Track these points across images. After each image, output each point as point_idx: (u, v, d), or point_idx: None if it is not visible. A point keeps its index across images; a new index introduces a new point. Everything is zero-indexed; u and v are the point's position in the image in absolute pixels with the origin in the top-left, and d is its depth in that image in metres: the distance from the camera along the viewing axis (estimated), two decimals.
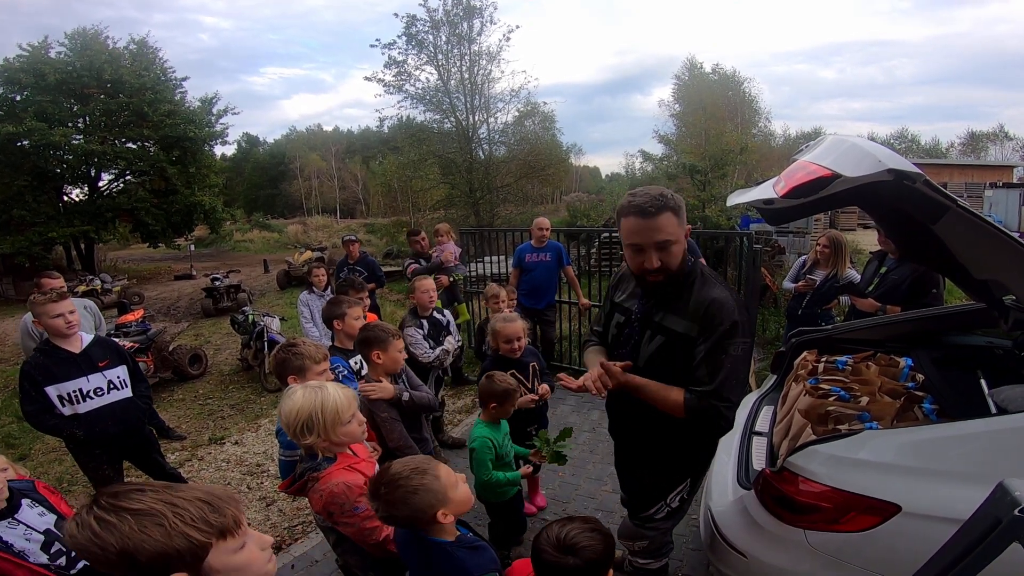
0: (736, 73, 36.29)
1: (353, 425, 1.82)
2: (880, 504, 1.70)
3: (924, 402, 2.17)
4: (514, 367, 3.03)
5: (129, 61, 16.57)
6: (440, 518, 1.48)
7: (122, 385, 3.20)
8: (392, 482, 1.47)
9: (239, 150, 56.43)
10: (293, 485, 1.84)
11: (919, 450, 1.75)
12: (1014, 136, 47.00)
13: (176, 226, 18.06)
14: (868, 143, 1.62)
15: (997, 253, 1.74)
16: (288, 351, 2.33)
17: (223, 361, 7.71)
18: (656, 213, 1.70)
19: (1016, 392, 2.07)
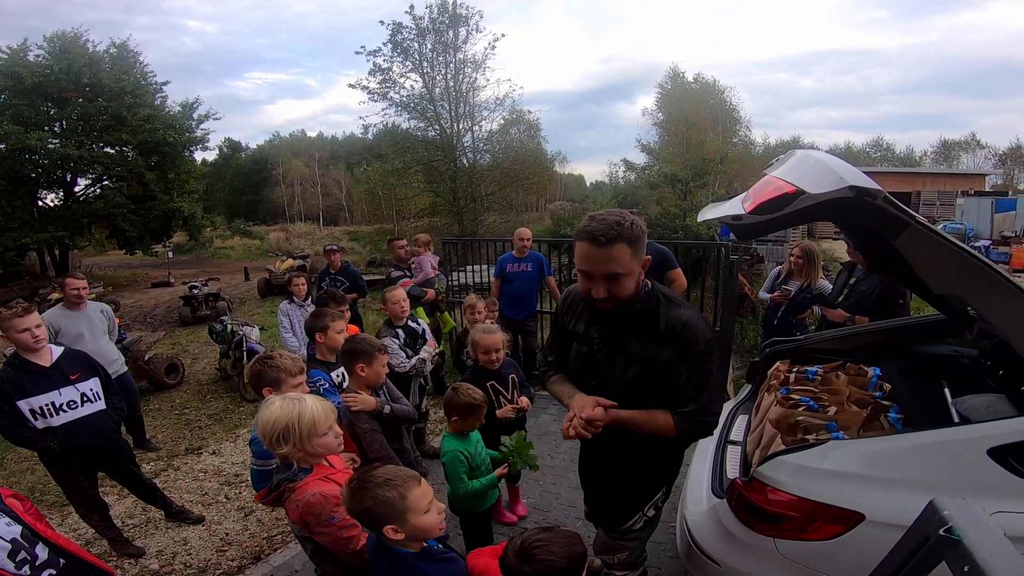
0: (717, 82, 37.13)
1: (329, 437, 1.85)
2: (844, 513, 1.74)
3: (890, 411, 2.23)
4: (493, 378, 3.04)
5: (109, 64, 16.31)
6: (388, 532, 1.50)
7: (95, 398, 3.18)
8: (363, 480, 1.53)
9: (221, 155, 55.69)
10: (269, 496, 1.86)
11: (881, 460, 1.79)
12: (986, 144, 48.32)
13: (154, 232, 17.74)
14: (832, 159, 1.68)
15: (955, 269, 1.80)
16: (264, 363, 2.33)
17: (201, 370, 7.61)
18: (608, 243, 1.62)
19: (978, 402, 2.14)
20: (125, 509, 3.86)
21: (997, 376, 2.51)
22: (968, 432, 1.77)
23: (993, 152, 47.52)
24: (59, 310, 4.40)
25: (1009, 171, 45.01)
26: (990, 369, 2.60)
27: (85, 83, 15.36)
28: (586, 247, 1.67)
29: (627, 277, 1.68)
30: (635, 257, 1.68)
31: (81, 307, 4.41)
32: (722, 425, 2.82)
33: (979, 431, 1.74)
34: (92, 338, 4.36)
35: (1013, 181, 42.92)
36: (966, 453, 1.70)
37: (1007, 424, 1.72)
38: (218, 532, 3.58)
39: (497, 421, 2.91)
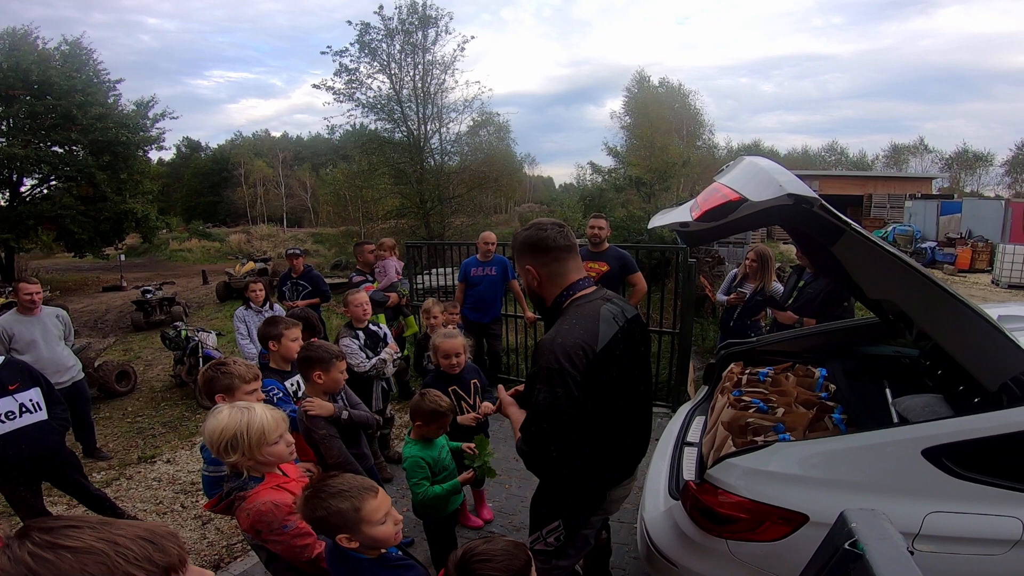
0: (681, 86, 37.95)
1: (280, 446, 1.83)
2: (789, 514, 1.79)
3: (835, 412, 2.30)
4: (455, 383, 3.03)
5: (60, 62, 15.61)
6: (342, 541, 1.50)
7: (35, 408, 3.11)
8: (318, 489, 1.52)
9: (178, 155, 53.88)
10: (219, 504, 1.84)
11: (823, 461, 1.85)
12: (933, 149, 50.95)
13: (105, 235, 17.01)
14: (773, 167, 1.73)
15: (889, 275, 1.88)
16: (216, 369, 2.30)
17: (154, 377, 7.38)
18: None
19: (915, 402, 2.23)
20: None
21: (936, 376, 2.62)
22: (903, 433, 1.82)
23: (940, 156, 50.14)
24: (12, 316, 4.25)
25: (955, 175, 47.54)
26: (929, 369, 2.71)
27: (34, 80, 14.67)
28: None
29: (527, 277, 1.82)
30: (523, 259, 1.81)
31: (35, 312, 4.27)
32: (680, 426, 2.87)
33: (914, 432, 1.79)
34: (46, 345, 4.24)
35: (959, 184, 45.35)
36: (902, 454, 1.76)
37: (941, 425, 1.78)
38: None
39: (460, 426, 2.90)
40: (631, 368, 1.81)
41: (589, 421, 1.70)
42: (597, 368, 1.64)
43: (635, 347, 1.84)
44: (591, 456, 1.78)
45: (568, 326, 1.69)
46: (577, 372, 1.61)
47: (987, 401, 1.94)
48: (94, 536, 0.85)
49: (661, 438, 2.94)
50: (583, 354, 1.62)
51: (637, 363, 1.86)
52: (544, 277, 1.79)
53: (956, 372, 2.50)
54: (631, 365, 1.81)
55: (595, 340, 1.65)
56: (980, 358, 1.83)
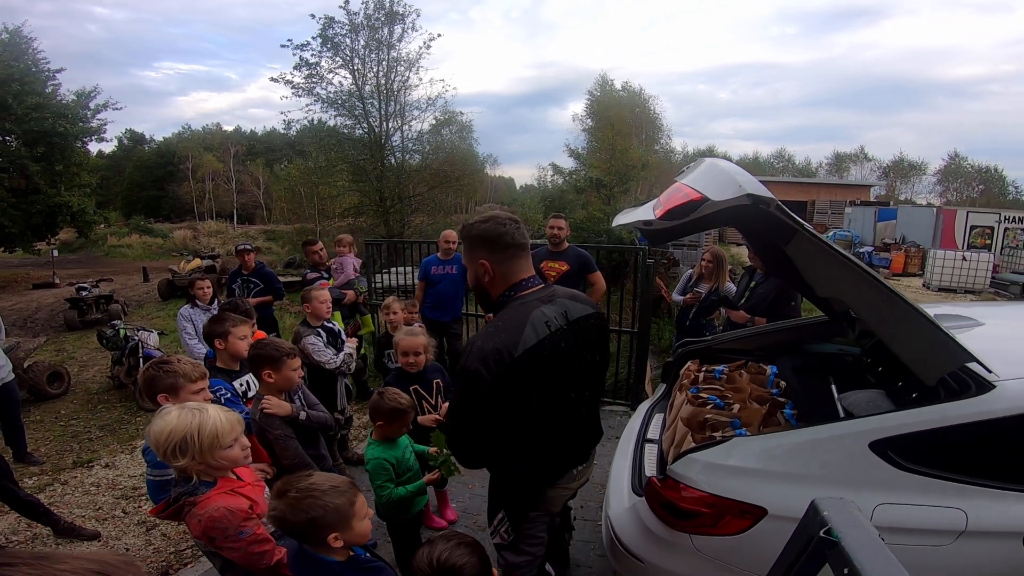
0: (642, 91, 38.81)
1: (235, 449, 1.74)
2: (748, 507, 1.83)
3: (785, 408, 2.39)
4: (417, 382, 2.97)
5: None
6: (331, 541, 1.46)
7: None
8: (307, 489, 1.45)
9: (120, 148, 51.00)
10: (166, 510, 1.72)
11: (778, 455, 1.90)
12: (873, 157, 54.16)
13: (36, 229, 15.96)
14: (734, 168, 1.77)
15: (838, 275, 1.95)
16: (159, 368, 2.16)
17: (90, 378, 6.97)
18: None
19: (859, 397, 2.34)
20: (8, 525, 3.51)
21: (877, 373, 2.76)
22: (851, 427, 1.88)
23: (878, 165, 53.21)
24: None
25: (891, 183, 50.59)
26: (871, 366, 2.86)
27: None
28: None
29: (472, 269, 1.81)
30: (468, 254, 1.80)
31: None
32: (640, 423, 2.91)
33: (860, 426, 1.86)
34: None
35: (894, 192, 48.27)
36: (851, 447, 1.82)
37: (885, 418, 1.86)
38: (117, 547, 3.30)
39: (419, 427, 2.85)
40: (574, 369, 1.80)
41: (524, 422, 1.71)
42: (515, 372, 1.62)
43: (580, 348, 1.82)
44: (535, 457, 1.80)
45: (493, 329, 1.70)
46: (490, 375, 1.60)
47: (924, 396, 2.04)
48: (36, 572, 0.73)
49: (622, 436, 2.98)
50: (500, 359, 1.61)
51: (582, 363, 1.85)
52: (496, 274, 1.77)
53: (895, 368, 2.64)
54: (574, 366, 1.80)
55: (515, 345, 1.63)
56: (919, 354, 1.93)
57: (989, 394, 1.80)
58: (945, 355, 1.81)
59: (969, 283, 14.25)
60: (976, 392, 1.82)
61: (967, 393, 1.84)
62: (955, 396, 1.86)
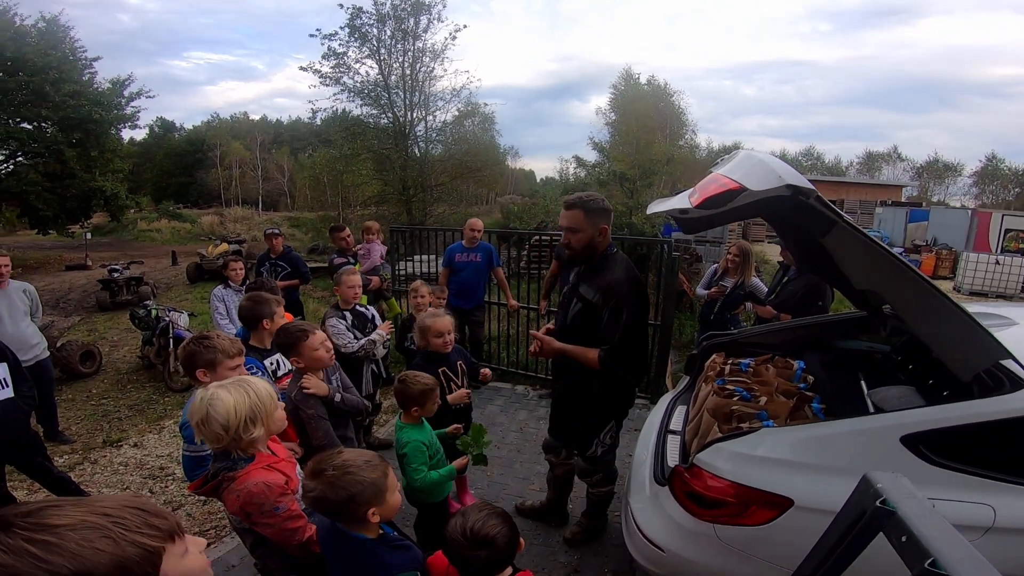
0: (667, 85, 38.18)
1: (280, 411, 1.79)
2: (776, 498, 1.83)
3: (813, 402, 2.37)
4: (444, 364, 3.00)
5: (35, 39, 15.02)
6: (370, 516, 1.48)
7: (2, 385, 2.94)
8: (343, 466, 1.48)
9: (151, 135, 52.20)
10: (205, 485, 1.73)
11: (807, 446, 1.90)
12: (906, 158, 52.46)
13: (71, 212, 16.46)
14: (772, 159, 1.76)
15: (876, 267, 1.93)
16: (199, 343, 2.19)
17: (120, 358, 7.12)
18: (569, 208, 2.48)
19: (890, 393, 2.31)
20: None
21: (907, 370, 2.72)
22: (883, 420, 1.88)
23: (912, 165, 51.50)
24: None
25: (924, 184, 48.97)
26: (901, 364, 2.82)
27: (8, 57, 14.13)
28: (562, 210, 2.53)
29: (579, 233, 2.47)
30: (587, 220, 2.46)
31: (1, 286, 4.15)
32: (663, 415, 2.92)
33: (892, 420, 1.86)
34: (11, 320, 4.11)
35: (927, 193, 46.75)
36: (881, 440, 1.82)
37: (918, 413, 1.85)
38: None
39: (446, 409, 2.88)
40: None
41: (639, 336, 2.51)
42: (644, 296, 2.51)
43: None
44: (639, 363, 2.65)
45: (623, 269, 2.47)
46: (637, 298, 2.45)
47: (957, 393, 2.02)
48: (80, 511, 0.79)
49: (643, 427, 3.00)
50: (639, 286, 2.47)
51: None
52: (607, 235, 2.52)
53: (927, 366, 2.60)
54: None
55: (637, 277, 2.50)
56: (955, 349, 1.90)
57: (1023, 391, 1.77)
58: (982, 351, 1.79)
59: (1001, 287, 13.83)
60: (1011, 389, 1.80)
61: (1001, 390, 1.82)
62: (989, 393, 1.84)
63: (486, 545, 1.41)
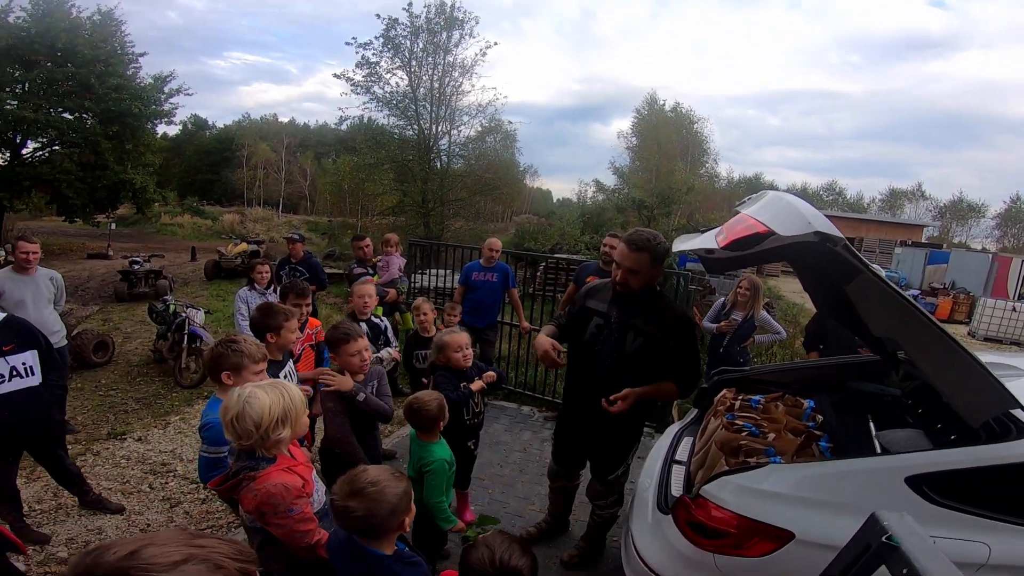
0: (692, 112, 38.22)
1: (305, 417, 1.87)
2: (777, 531, 1.86)
3: (821, 440, 2.39)
4: (464, 379, 2.98)
5: (89, 31, 15.54)
6: (400, 527, 1.55)
7: (28, 373, 2.92)
8: (378, 482, 1.52)
9: (184, 131, 53.43)
10: (226, 483, 1.79)
11: (813, 483, 1.93)
12: (929, 196, 50.83)
13: (99, 202, 16.80)
14: (802, 204, 1.81)
15: (895, 316, 1.97)
16: (227, 346, 2.24)
17: (132, 350, 7.15)
18: (634, 249, 2.42)
19: (897, 435, 2.33)
20: (34, 493, 3.59)
21: (916, 414, 2.73)
22: (889, 462, 1.93)
23: (934, 204, 50.36)
24: (7, 273, 4.17)
25: (946, 224, 47.96)
26: (910, 408, 2.83)
27: (59, 48, 14.54)
28: (623, 247, 2.46)
29: (640, 276, 2.47)
30: (653, 265, 2.45)
31: (30, 272, 4.19)
32: (668, 445, 2.94)
33: (898, 461, 1.91)
34: (35, 306, 4.14)
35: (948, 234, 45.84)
36: (887, 480, 1.86)
37: (923, 456, 1.91)
38: (138, 523, 3.37)
39: (455, 427, 2.85)
40: None
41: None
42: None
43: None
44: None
45: (669, 301, 2.75)
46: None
47: (963, 438, 2.06)
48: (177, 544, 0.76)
49: (649, 455, 3.02)
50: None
51: None
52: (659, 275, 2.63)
53: (936, 411, 2.61)
54: None
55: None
56: (967, 397, 1.94)
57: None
58: (992, 400, 1.84)
59: (1017, 334, 13.63)
60: (1017, 436, 1.87)
61: (1007, 436, 1.88)
62: (995, 439, 1.90)
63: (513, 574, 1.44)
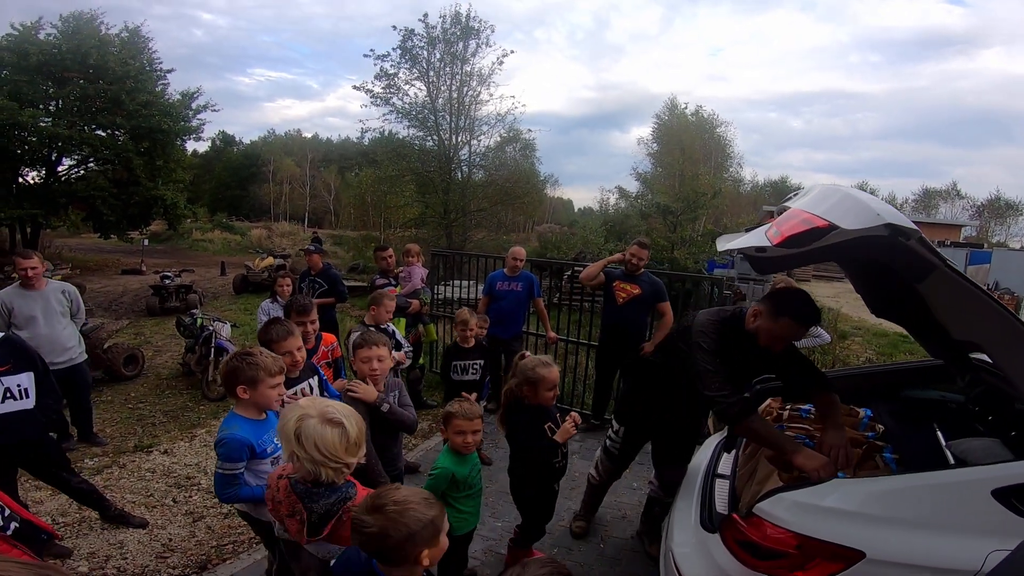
0: (715, 116, 37.69)
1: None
2: (845, 551, 1.69)
3: (884, 451, 2.18)
4: (549, 419, 2.72)
5: (118, 48, 16.09)
6: (423, 559, 1.38)
7: (22, 395, 2.86)
8: (404, 502, 1.39)
9: (212, 148, 55.05)
10: (327, 526, 1.69)
11: (884, 499, 1.76)
12: (965, 195, 48.41)
13: (132, 218, 17.31)
14: (864, 194, 1.64)
15: (978, 316, 1.77)
16: (242, 360, 2.16)
17: (162, 364, 7.26)
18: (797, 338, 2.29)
19: (974, 445, 2.12)
20: (58, 506, 3.57)
21: (986, 421, 2.50)
22: (972, 474, 1.76)
23: (971, 203, 48.21)
24: (15, 289, 4.10)
25: (984, 223, 45.92)
26: (979, 415, 2.60)
27: (91, 64, 15.07)
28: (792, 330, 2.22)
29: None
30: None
31: (37, 287, 4.09)
32: (709, 458, 2.76)
33: (983, 473, 1.73)
34: (46, 321, 4.07)
35: (988, 234, 43.89)
36: (970, 494, 1.68)
37: (1010, 467, 1.72)
38: (160, 537, 3.32)
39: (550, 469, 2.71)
40: None
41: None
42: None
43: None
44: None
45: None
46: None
47: None
48: None
49: (688, 469, 2.85)
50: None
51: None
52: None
53: (1008, 418, 2.38)
54: None
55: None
56: None
57: None
58: None
59: None
60: None
61: None
62: None
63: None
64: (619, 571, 3.05)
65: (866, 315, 6.41)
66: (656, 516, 3.11)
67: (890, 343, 10.48)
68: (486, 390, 4.52)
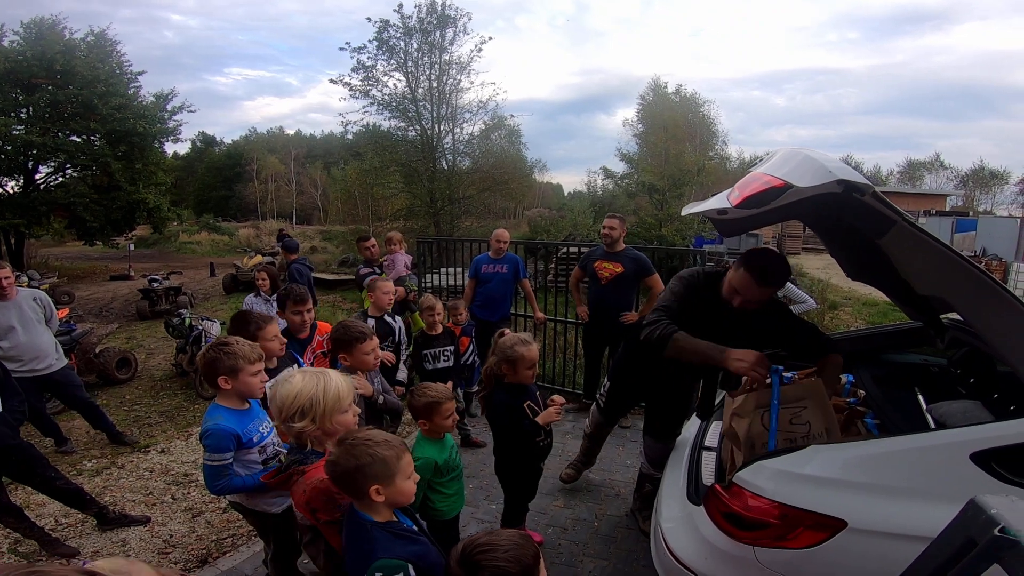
0: (697, 95, 37.66)
1: (349, 415, 1.80)
2: (826, 520, 1.68)
3: (866, 417, 2.19)
4: (528, 397, 2.74)
5: (84, 52, 15.72)
6: (372, 494, 1.45)
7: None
8: (362, 438, 1.50)
9: (193, 149, 54.30)
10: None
11: (864, 465, 1.74)
12: (949, 166, 49.66)
13: (116, 224, 17.04)
14: (820, 154, 1.62)
15: (941, 270, 1.76)
16: (219, 350, 2.13)
17: (155, 366, 7.29)
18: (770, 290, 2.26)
19: (953, 408, 2.13)
20: (60, 507, 3.56)
21: (968, 384, 2.52)
22: (950, 437, 1.73)
23: (955, 173, 49.08)
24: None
25: (969, 193, 46.65)
26: (960, 377, 2.61)
27: (57, 70, 14.73)
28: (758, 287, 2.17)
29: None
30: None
31: (9, 297, 4.02)
32: (696, 431, 2.78)
33: (962, 436, 1.70)
34: (24, 331, 4.03)
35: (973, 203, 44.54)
36: (950, 458, 1.66)
37: (988, 429, 1.70)
38: (161, 533, 3.36)
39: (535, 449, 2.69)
40: None
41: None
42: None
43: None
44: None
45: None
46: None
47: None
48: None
49: (675, 442, 2.86)
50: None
51: None
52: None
53: (990, 380, 2.39)
54: None
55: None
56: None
57: None
58: None
59: None
60: None
61: None
62: None
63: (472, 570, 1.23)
64: (614, 549, 3.08)
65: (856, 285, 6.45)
66: (648, 493, 3.13)
67: (879, 312, 10.58)
68: (476, 374, 4.51)
